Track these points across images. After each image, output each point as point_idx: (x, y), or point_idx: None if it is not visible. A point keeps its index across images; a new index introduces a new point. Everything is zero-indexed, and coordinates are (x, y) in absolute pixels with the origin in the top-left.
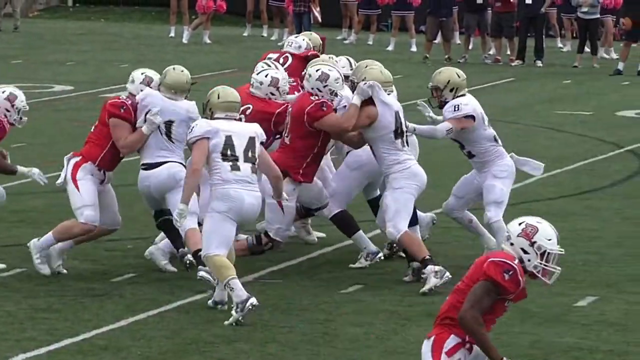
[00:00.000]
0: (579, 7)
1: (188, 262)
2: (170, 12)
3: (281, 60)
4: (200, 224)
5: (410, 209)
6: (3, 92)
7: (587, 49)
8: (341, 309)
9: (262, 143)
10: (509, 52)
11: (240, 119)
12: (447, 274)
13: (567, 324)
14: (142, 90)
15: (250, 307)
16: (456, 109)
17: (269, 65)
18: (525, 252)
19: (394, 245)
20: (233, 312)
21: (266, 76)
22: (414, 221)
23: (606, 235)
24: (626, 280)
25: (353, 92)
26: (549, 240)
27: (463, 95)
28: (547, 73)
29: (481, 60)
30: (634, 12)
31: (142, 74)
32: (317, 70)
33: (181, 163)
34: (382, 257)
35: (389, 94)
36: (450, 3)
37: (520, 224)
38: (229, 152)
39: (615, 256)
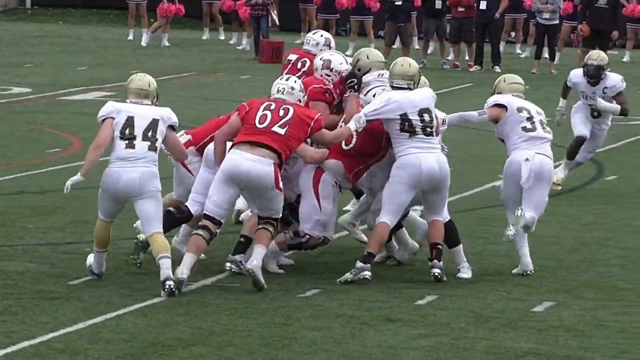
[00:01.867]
0: (539, 13)
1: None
2: (129, 15)
3: (299, 65)
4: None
5: (396, 201)
6: (320, 58)
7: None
8: (299, 312)
9: (171, 127)
10: (467, 58)
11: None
12: (366, 274)
13: (523, 329)
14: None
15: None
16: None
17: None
18: None
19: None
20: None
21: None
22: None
23: (563, 241)
24: (583, 286)
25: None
26: None
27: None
28: None
29: (440, 66)
30: (591, 19)
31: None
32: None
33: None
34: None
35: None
36: (409, 8)
37: None
38: (127, 132)
39: (572, 262)
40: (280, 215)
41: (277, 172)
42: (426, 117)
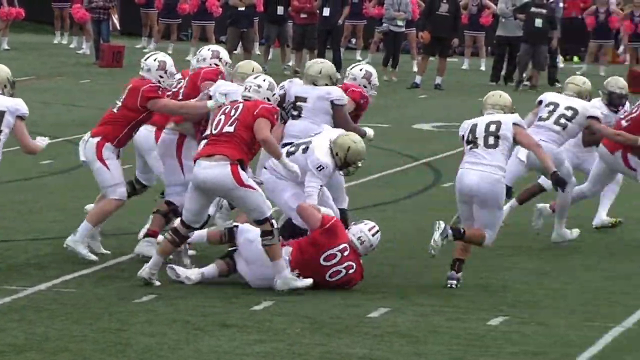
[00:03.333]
0: (392, 20)
1: None
2: None
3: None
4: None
5: (461, 216)
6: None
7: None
8: (134, 318)
9: (20, 117)
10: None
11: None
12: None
13: (358, 335)
14: (160, 77)
15: None
16: None
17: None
18: None
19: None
20: None
21: (155, 60)
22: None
23: (401, 247)
24: (418, 292)
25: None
26: None
27: None
28: None
29: (280, 71)
30: (432, 26)
31: (155, 60)
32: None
33: None
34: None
35: None
36: (252, 14)
37: None
38: None
39: (408, 267)
40: (267, 215)
41: (235, 170)
42: (493, 127)
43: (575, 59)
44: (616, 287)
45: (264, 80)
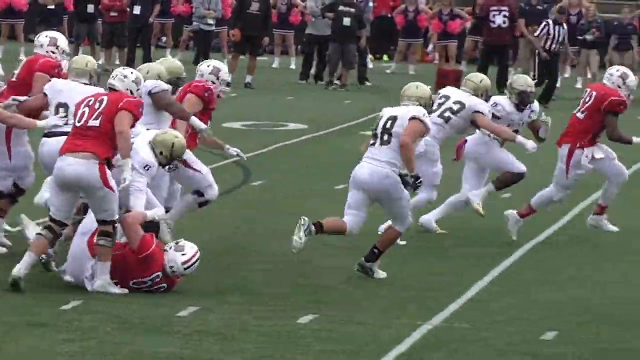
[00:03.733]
0: (202, 19)
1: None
2: None
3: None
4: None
5: (348, 201)
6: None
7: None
8: None
9: None
10: (118, 62)
11: None
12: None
13: (168, 334)
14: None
15: None
16: None
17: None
18: None
19: None
20: None
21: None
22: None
23: (211, 246)
24: (228, 290)
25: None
26: None
27: None
28: None
29: None
30: (243, 24)
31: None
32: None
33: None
34: None
35: None
36: (61, 12)
37: None
38: None
39: (219, 266)
40: (114, 218)
41: (103, 170)
42: (389, 124)
43: (385, 57)
44: (428, 285)
45: (132, 73)
